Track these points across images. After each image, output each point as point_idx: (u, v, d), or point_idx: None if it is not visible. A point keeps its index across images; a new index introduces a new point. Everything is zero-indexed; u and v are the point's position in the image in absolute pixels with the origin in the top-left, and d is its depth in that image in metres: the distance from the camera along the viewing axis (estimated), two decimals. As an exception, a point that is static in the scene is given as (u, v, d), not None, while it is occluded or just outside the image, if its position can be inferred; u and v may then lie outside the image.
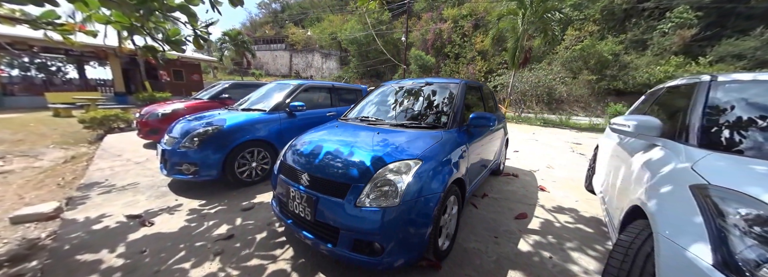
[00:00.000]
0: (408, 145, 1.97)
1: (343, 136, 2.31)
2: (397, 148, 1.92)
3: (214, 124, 3.37)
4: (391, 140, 2.09)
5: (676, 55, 16.62)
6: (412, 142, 2.01)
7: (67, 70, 23.50)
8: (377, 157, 1.82)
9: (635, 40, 19.01)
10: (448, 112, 2.51)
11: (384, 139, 2.12)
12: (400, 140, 2.04)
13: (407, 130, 2.32)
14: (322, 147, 2.10)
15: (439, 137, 2.10)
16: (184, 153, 3.15)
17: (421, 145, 1.97)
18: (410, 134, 2.18)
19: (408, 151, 1.88)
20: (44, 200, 3.40)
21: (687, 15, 18.15)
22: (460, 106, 2.52)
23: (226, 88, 6.47)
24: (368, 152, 1.90)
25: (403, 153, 1.86)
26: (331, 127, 2.62)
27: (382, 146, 1.97)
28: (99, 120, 6.94)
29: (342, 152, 1.96)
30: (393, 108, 2.86)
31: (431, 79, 3.06)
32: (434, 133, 2.21)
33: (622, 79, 16.79)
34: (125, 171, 4.14)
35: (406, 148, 1.92)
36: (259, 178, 3.63)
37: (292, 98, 4.08)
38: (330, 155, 1.97)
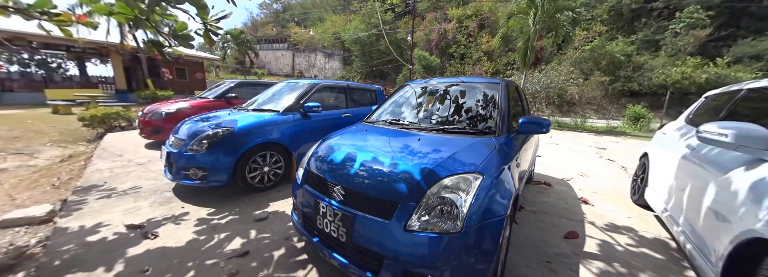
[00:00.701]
0: (460, 155, 1.68)
1: (377, 142, 2.03)
2: (449, 158, 1.64)
3: (224, 125, 3.09)
4: (438, 147, 1.81)
5: (692, 56, 16.32)
6: (464, 151, 1.73)
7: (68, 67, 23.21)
8: (428, 169, 1.54)
9: (647, 40, 18.75)
10: (493, 116, 2.22)
11: (428, 146, 1.84)
12: (449, 149, 1.76)
13: (451, 136, 2.03)
14: (356, 155, 1.82)
15: (493, 146, 1.82)
16: (192, 156, 2.87)
17: (476, 155, 1.68)
18: (457, 142, 1.90)
19: (463, 162, 1.60)
20: (37, 202, 3.15)
21: (698, 15, 17.88)
22: (507, 109, 2.24)
23: (233, 87, 6.20)
24: (415, 163, 1.61)
25: (458, 165, 1.57)
26: (360, 132, 2.34)
27: (429, 156, 1.69)
28: (99, 118, 6.67)
29: (382, 162, 1.68)
30: (426, 110, 2.56)
31: (466, 79, 2.78)
32: (485, 140, 1.92)
33: (637, 80, 16.51)
34: (126, 173, 3.87)
35: (459, 158, 1.64)
36: (272, 183, 3.35)
37: (306, 99, 3.80)
38: (368, 165, 1.69)
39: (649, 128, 10.61)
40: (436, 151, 1.75)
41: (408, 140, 2.00)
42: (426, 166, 1.57)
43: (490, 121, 2.21)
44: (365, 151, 1.87)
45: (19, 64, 20.38)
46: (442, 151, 1.74)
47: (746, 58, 16.40)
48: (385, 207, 1.46)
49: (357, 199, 1.57)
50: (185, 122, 3.46)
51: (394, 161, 1.67)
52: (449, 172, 1.51)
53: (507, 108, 2.25)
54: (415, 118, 2.53)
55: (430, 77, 3.09)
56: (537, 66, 12.01)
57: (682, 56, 17.32)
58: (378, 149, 1.88)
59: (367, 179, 1.60)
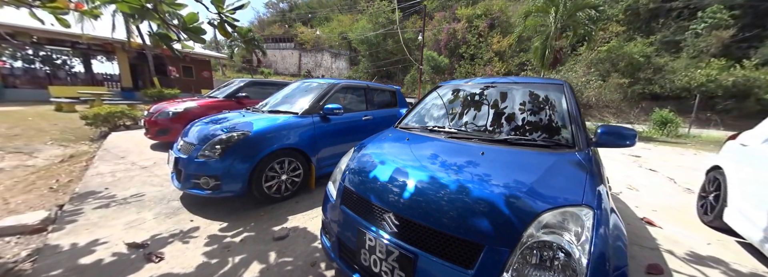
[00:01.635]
0: (550, 177, 1.32)
1: (428, 155, 1.68)
2: (539, 183, 1.27)
3: (239, 128, 2.77)
4: (514, 166, 1.46)
5: (715, 58, 15.76)
6: (552, 172, 1.36)
7: (73, 64, 23.21)
8: (517, 199, 1.19)
9: (666, 41, 18.23)
10: (566, 125, 1.85)
11: (500, 164, 1.49)
12: (530, 168, 1.41)
13: (519, 149, 1.67)
14: (407, 172, 1.48)
15: (583, 165, 1.45)
16: (204, 163, 2.55)
17: (569, 178, 1.32)
18: (534, 158, 1.54)
19: (559, 189, 1.24)
20: (32, 207, 2.87)
21: (721, 15, 17.33)
22: (580, 116, 1.88)
23: (243, 86, 5.90)
24: (495, 188, 1.26)
25: (555, 193, 1.21)
26: (400, 140, 2.00)
27: (509, 178, 1.34)
28: (103, 117, 6.41)
29: (446, 185, 1.33)
30: (476, 116, 2.20)
31: (517, 79, 2.42)
32: (568, 157, 1.55)
33: (659, 82, 16.00)
34: (129, 178, 3.57)
35: (551, 183, 1.28)
36: (289, 193, 3.03)
37: (326, 100, 3.48)
38: (428, 188, 1.35)
39: (676, 134, 10.14)
40: (513, 170, 1.40)
41: (468, 153, 1.64)
42: (512, 193, 1.21)
43: (563, 132, 1.83)
44: (418, 167, 1.52)
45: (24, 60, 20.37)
46: (522, 171, 1.39)
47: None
48: (462, 250, 1.11)
49: (418, 233, 1.23)
50: (195, 124, 3.15)
51: (464, 183, 1.32)
52: (548, 204, 1.15)
53: (579, 115, 1.89)
54: (465, 126, 2.16)
55: (472, 77, 2.72)
56: (555, 67, 11.61)
57: (706, 58, 16.76)
58: (434, 165, 1.53)
59: (430, 208, 1.25)
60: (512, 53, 20.67)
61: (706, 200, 3.00)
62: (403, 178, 1.45)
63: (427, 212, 1.24)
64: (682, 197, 3.75)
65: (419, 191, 1.34)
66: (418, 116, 2.50)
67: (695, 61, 17.29)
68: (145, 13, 2.35)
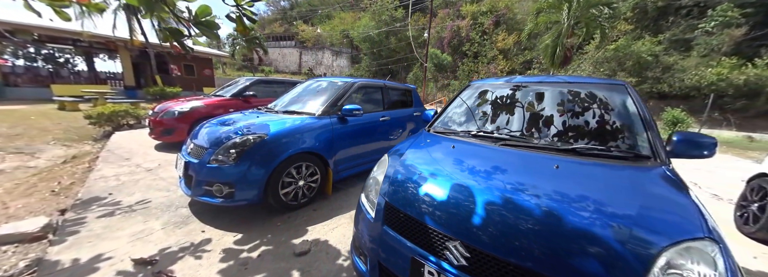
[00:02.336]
0: (651, 200, 1.08)
1: (487, 167, 1.44)
2: (643, 208, 1.04)
3: (254, 131, 2.55)
4: (601, 184, 1.22)
5: (726, 56, 15.43)
6: (650, 193, 1.13)
7: (76, 62, 22.99)
8: (626, 230, 0.96)
9: (675, 39, 17.88)
10: (640, 134, 1.60)
11: (582, 180, 1.26)
12: (622, 188, 1.18)
13: (598, 161, 1.43)
14: (471, 191, 1.25)
15: (679, 183, 1.23)
16: (217, 169, 2.33)
17: (674, 201, 1.09)
18: (620, 174, 1.30)
19: (670, 217, 1.02)
20: (32, 212, 2.68)
21: (731, 13, 16.95)
22: (653, 122, 1.65)
23: (251, 84, 5.68)
24: (592, 215, 1.03)
25: (667, 223, 0.99)
26: (444, 148, 1.77)
27: (604, 201, 1.09)
28: (106, 116, 6.20)
29: (528, 209, 1.10)
30: (528, 120, 1.94)
31: (570, 78, 2.17)
32: (658, 172, 1.31)
33: (668, 81, 15.72)
34: (134, 182, 3.36)
35: (657, 208, 1.05)
36: (306, 200, 2.81)
37: (344, 100, 3.25)
38: (503, 212, 1.12)
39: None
40: (604, 190, 1.16)
41: (538, 167, 1.40)
42: (619, 224, 0.97)
43: (639, 140, 1.58)
44: (484, 183, 1.29)
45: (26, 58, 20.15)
46: (614, 191, 1.14)
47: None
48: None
49: (499, 270, 1.00)
50: (205, 126, 2.93)
51: (551, 208, 1.08)
52: (667, 238, 0.92)
53: (653, 120, 1.65)
54: (520, 131, 1.88)
55: (509, 76, 2.49)
56: (566, 65, 11.33)
57: (716, 57, 16.43)
58: (502, 180, 1.30)
59: (512, 239, 1.02)
60: (517, 51, 20.35)
61: (748, 209, 2.78)
62: (466, 197, 1.22)
63: (509, 245, 1.00)
64: (711, 205, 3.53)
65: (493, 215, 1.11)
66: (454, 119, 2.26)
67: (706, 60, 16.93)
68: (154, 5, 2.12)
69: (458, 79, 22.04)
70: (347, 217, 2.64)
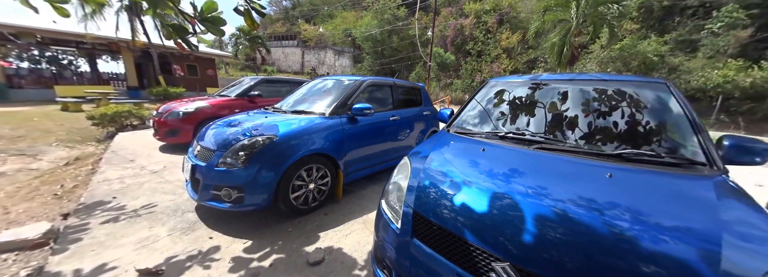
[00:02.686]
0: (728, 215, 0.96)
1: (533, 174, 1.31)
2: (723, 226, 0.92)
3: (263, 132, 2.44)
4: (666, 196, 1.10)
5: (733, 58, 15.26)
6: (724, 207, 1.00)
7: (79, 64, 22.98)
8: (713, 254, 0.84)
9: (681, 40, 17.68)
10: (686, 136, 1.47)
11: (644, 192, 1.13)
12: (691, 201, 1.06)
13: (653, 169, 1.29)
14: (516, 202, 1.12)
15: (747, 195, 1.11)
16: (225, 172, 2.22)
17: (753, 217, 0.97)
18: (681, 184, 1.17)
19: (755, 236, 0.90)
20: (34, 217, 2.58)
21: (737, 14, 16.77)
22: (703, 125, 1.52)
23: (256, 84, 5.57)
24: (670, 236, 0.90)
25: (755, 244, 0.88)
26: (473, 151, 1.64)
27: (677, 218, 0.97)
28: (109, 117, 6.12)
29: (590, 227, 0.96)
30: (562, 121, 1.79)
31: (604, 76, 2.03)
32: (721, 182, 1.19)
33: (674, 82, 15.65)
34: (138, 184, 3.26)
35: (737, 225, 0.93)
36: (317, 204, 2.69)
37: (354, 99, 3.13)
38: (560, 229, 0.98)
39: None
40: (671, 204, 1.03)
41: (587, 175, 1.26)
42: (704, 247, 0.85)
43: (689, 145, 1.44)
44: (531, 194, 1.15)
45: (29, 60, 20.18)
46: (683, 205, 1.02)
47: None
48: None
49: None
50: (211, 127, 2.83)
51: (617, 226, 0.95)
52: (762, 263, 0.80)
53: (702, 124, 1.52)
54: (553, 133, 1.74)
55: (532, 73, 2.36)
56: (573, 64, 11.17)
57: (722, 58, 16.25)
58: (551, 191, 1.16)
59: (576, 263, 0.88)
60: (521, 50, 20.17)
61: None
62: (513, 210, 1.09)
63: (575, 272, 0.87)
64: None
65: (551, 234, 0.97)
66: (476, 118, 2.14)
67: (712, 62, 16.72)
68: (159, 2, 2.02)
69: (461, 78, 21.89)
70: (360, 222, 2.52)
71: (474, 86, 20.83)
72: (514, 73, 19.64)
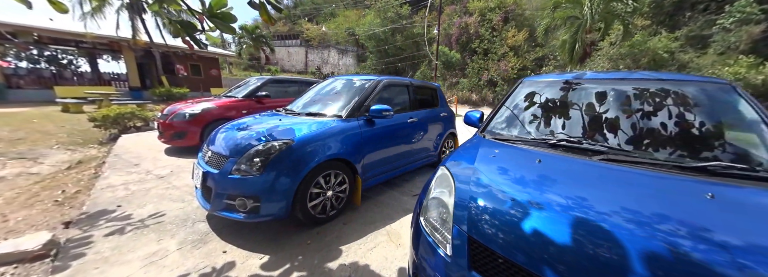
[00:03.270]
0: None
1: (617, 195, 1.12)
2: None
3: (279, 136, 2.27)
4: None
5: (744, 55, 14.96)
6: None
7: (79, 64, 22.96)
8: None
9: (693, 36, 17.37)
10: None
11: (757, 221, 0.95)
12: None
13: (753, 186, 1.11)
14: (610, 233, 0.92)
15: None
16: (240, 181, 2.06)
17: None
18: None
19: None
20: (34, 225, 2.45)
21: (750, 9, 16.45)
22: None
23: (263, 84, 5.41)
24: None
25: None
26: (527, 162, 1.46)
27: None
28: (112, 118, 5.98)
29: (716, 272, 0.78)
30: (620, 127, 1.59)
31: (660, 75, 1.85)
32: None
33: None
34: (144, 191, 3.10)
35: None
36: (335, 212, 2.53)
37: (371, 100, 2.96)
38: (676, 273, 0.80)
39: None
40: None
41: (682, 194, 1.08)
42: None
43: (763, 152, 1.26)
44: (624, 223, 0.96)
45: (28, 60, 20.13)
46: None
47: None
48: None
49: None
50: (222, 130, 2.66)
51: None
52: None
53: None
54: (616, 142, 1.53)
55: (575, 71, 2.16)
56: (584, 61, 10.94)
57: (733, 55, 15.96)
58: (650, 219, 0.97)
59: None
60: (528, 48, 19.91)
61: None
62: (607, 243, 0.89)
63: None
64: None
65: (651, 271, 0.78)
66: (514, 122, 1.96)
67: (722, 58, 16.44)
68: (164, -2, 1.86)
69: (468, 77, 21.66)
70: (384, 233, 2.35)
71: (481, 85, 20.58)
72: (522, 72, 19.42)
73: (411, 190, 3.38)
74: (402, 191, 3.35)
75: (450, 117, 4.36)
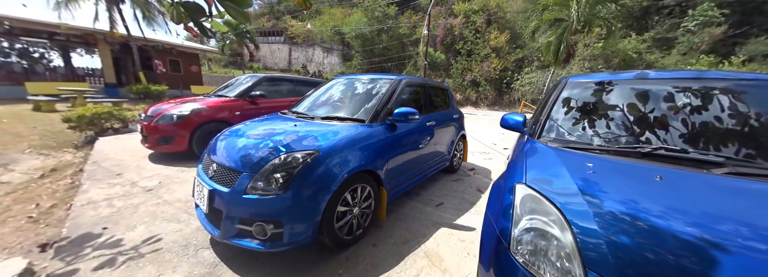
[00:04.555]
0: None
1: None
2: None
3: (299, 145, 1.87)
4: None
5: (705, 54, 15.86)
6: None
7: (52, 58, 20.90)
8: None
9: (659, 38, 18.17)
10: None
11: None
12: None
13: None
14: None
15: None
16: (259, 202, 1.65)
17: None
18: None
19: None
20: (6, 248, 2.05)
21: (712, 12, 17.32)
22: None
23: (258, 83, 4.88)
24: None
25: None
26: (643, 179, 1.17)
27: None
28: (88, 119, 5.28)
29: None
30: (711, 133, 1.37)
31: (741, 74, 1.60)
32: None
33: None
34: (132, 208, 2.61)
35: None
36: (361, 231, 2.17)
37: (393, 102, 2.60)
38: None
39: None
40: None
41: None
42: None
43: None
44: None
45: (-1, 53, 18.10)
46: None
47: (760, 56, 16.16)
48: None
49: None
50: (226, 137, 2.22)
51: None
52: None
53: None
54: (729, 150, 1.31)
55: (636, 71, 1.90)
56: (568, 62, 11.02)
57: (696, 55, 16.88)
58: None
59: None
60: (509, 50, 20.08)
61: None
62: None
63: None
64: None
65: None
66: (580, 127, 1.67)
67: (685, 58, 17.39)
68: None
69: (452, 77, 21.60)
70: (421, 255, 2.03)
71: (465, 85, 20.63)
72: (503, 72, 19.54)
73: (431, 199, 3.07)
74: (422, 200, 3.03)
75: (461, 118, 4.07)
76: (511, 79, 18.39)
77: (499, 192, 1.40)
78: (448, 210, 2.83)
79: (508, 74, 19.35)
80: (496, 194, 1.44)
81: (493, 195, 1.48)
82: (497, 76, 19.32)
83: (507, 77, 18.87)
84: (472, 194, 3.32)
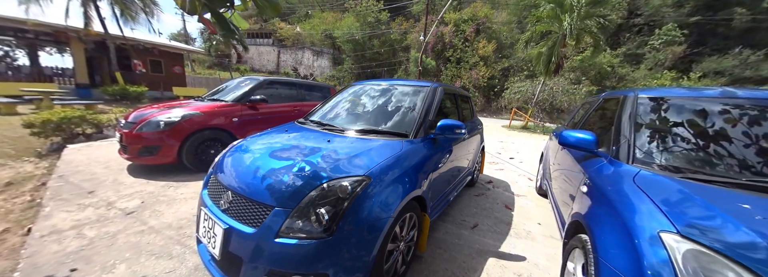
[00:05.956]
0: None
1: None
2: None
3: (343, 170, 1.42)
4: None
5: (668, 70, 17.36)
6: None
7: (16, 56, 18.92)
8: None
9: (630, 53, 19.37)
10: None
11: None
12: None
13: None
14: None
15: None
16: (298, 249, 1.18)
17: None
18: None
19: None
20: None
21: (674, 32, 18.60)
22: None
23: (258, 86, 4.35)
24: None
25: None
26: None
27: None
28: (55, 124, 4.51)
29: None
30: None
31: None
32: None
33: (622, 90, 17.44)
34: (109, 239, 2.04)
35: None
36: (404, 268, 1.74)
37: (434, 113, 2.21)
38: None
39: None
40: None
41: None
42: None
43: None
44: None
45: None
46: None
47: (712, 73, 17.81)
48: None
49: None
50: (238, 151, 1.73)
51: None
52: None
53: None
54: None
55: (720, 87, 1.63)
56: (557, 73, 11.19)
57: (660, 70, 18.25)
58: None
59: None
60: (496, 59, 20.46)
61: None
62: None
63: None
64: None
65: None
66: (693, 153, 1.36)
67: (652, 73, 18.74)
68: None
69: (441, 83, 21.78)
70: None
71: (454, 91, 20.81)
72: (491, 80, 19.79)
73: (463, 219, 2.70)
74: (454, 221, 2.64)
75: (482, 129, 3.75)
76: (500, 88, 18.77)
77: (616, 235, 1.05)
78: (486, 234, 2.46)
79: (495, 82, 19.70)
80: (611, 236, 1.07)
81: (603, 236, 1.11)
82: (485, 84, 19.59)
83: (496, 85, 19.26)
84: (502, 212, 2.98)
